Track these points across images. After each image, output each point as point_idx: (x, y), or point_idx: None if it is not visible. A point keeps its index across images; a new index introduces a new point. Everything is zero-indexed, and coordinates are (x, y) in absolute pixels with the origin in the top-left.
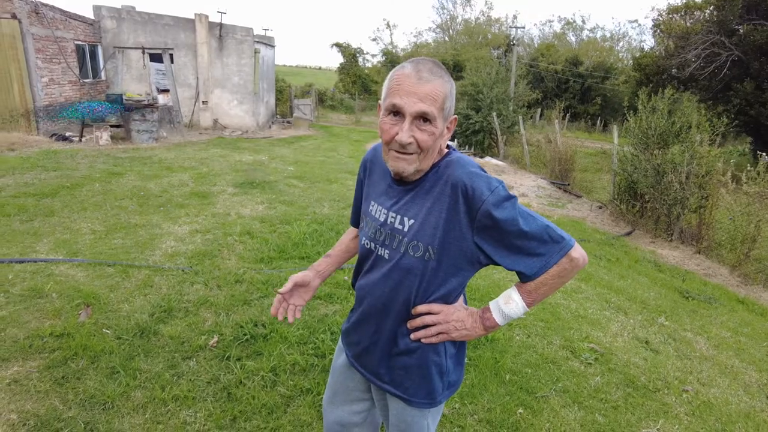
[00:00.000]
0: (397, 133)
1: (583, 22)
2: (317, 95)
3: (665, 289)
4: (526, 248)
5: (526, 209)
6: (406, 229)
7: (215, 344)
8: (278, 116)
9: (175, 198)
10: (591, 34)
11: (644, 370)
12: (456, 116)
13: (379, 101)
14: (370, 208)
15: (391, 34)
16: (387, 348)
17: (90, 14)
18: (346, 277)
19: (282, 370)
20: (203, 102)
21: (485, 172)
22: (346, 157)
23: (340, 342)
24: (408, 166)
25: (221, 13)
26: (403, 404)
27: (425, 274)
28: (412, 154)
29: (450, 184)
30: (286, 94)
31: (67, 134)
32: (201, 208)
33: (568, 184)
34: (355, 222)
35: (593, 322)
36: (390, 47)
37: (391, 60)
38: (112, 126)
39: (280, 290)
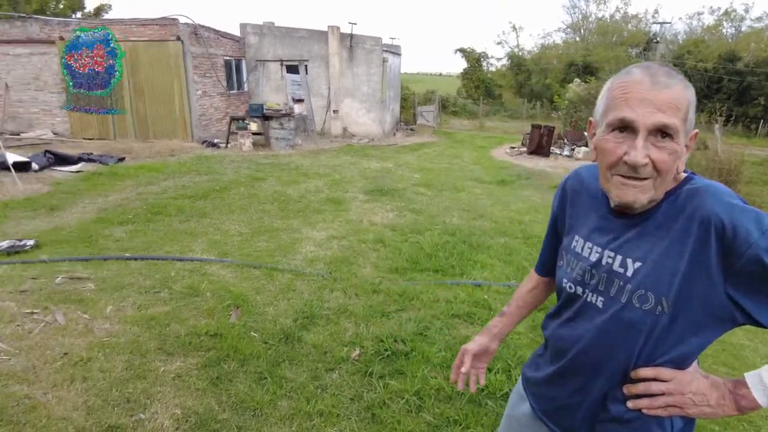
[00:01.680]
0: (625, 153)
1: (746, 11)
2: (440, 101)
3: None
4: None
5: None
6: (629, 273)
7: (357, 357)
8: (402, 123)
9: (312, 204)
10: (756, 24)
11: None
12: (697, 131)
13: (592, 118)
14: (574, 243)
15: (517, 36)
16: (592, 411)
17: (236, 31)
18: (485, 296)
19: (426, 395)
20: (334, 111)
21: (746, 202)
22: (470, 164)
23: (519, 387)
24: (641, 196)
25: (352, 24)
26: None
27: (654, 331)
28: (645, 179)
29: (697, 220)
30: (410, 102)
31: (216, 141)
32: (336, 214)
33: None
34: (544, 270)
35: None
36: (516, 50)
37: (517, 63)
38: (254, 134)
39: (462, 370)
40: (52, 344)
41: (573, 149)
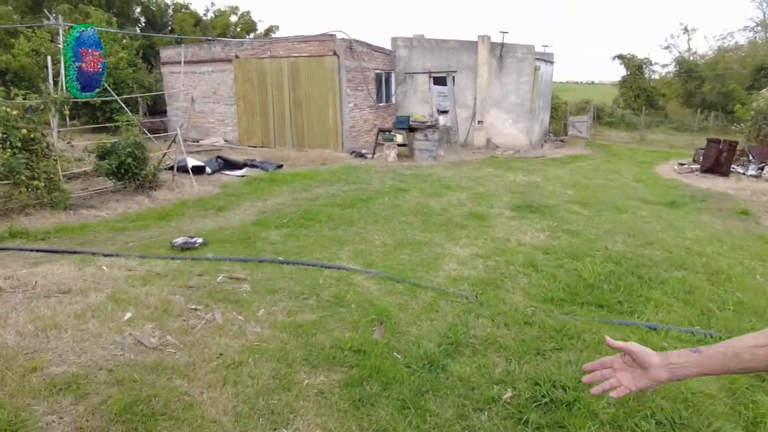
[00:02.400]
0: None
1: None
2: (595, 111)
3: None
4: None
5: None
6: None
7: (509, 400)
8: (551, 134)
9: (454, 218)
10: None
11: None
12: None
13: None
14: None
15: (689, 39)
16: None
17: (387, 45)
18: (663, 343)
19: None
20: (479, 122)
21: None
22: (631, 181)
23: None
24: None
25: (503, 33)
26: None
27: None
28: None
29: None
30: (560, 112)
31: (363, 151)
32: (480, 231)
33: None
34: None
35: None
36: (687, 54)
37: (687, 69)
38: (399, 145)
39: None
40: (209, 343)
41: (762, 168)
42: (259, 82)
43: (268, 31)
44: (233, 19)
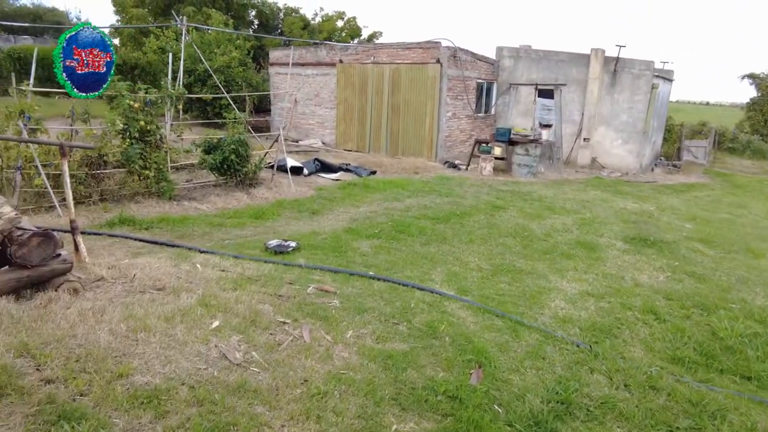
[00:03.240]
0: None
1: None
2: (716, 136)
3: None
4: None
5: None
6: None
7: None
8: (662, 158)
9: (559, 245)
10: None
11: None
12: None
13: None
14: None
15: None
16: None
17: (491, 54)
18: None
19: None
20: (584, 139)
21: None
22: (764, 219)
23: None
24: None
25: (619, 46)
26: None
27: None
28: None
29: None
30: (674, 134)
31: (457, 162)
32: (589, 264)
33: None
34: None
35: None
36: None
37: None
38: (496, 158)
39: None
40: (295, 365)
41: None
42: (360, 87)
43: (372, 36)
44: (339, 24)
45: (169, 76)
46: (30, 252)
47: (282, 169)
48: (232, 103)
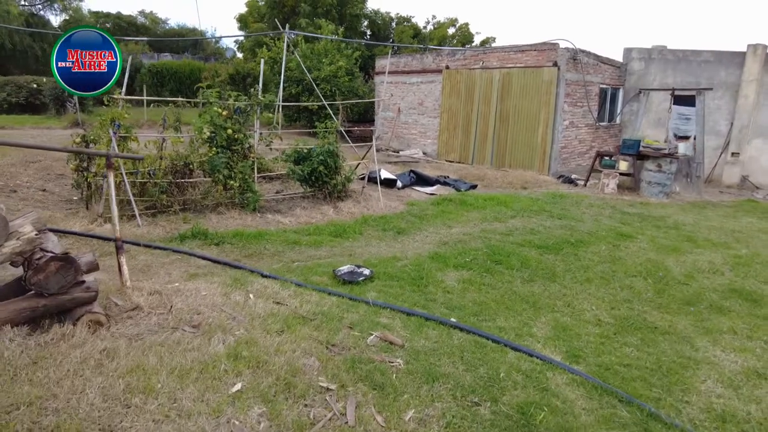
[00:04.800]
0: None
1: None
2: None
3: None
4: None
5: None
6: None
7: None
8: None
9: (707, 293)
10: None
11: None
12: None
13: None
14: None
15: None
16: None
17: (617, 57)
18: None
19: None
20: (732, 154)
21: None
22: None
23: None
24: None
25: None
26: None
27: None
28: None
29: None
30: None
31: (573, 177)
32: (754, 324)
33: None
34: None
35: None
36: None
37: None
38: (621, 174)
39: None
40: None
41: None
42: (467, 94)
43: (484, 42)
44: (451, 31)
45: (260, 84)
46: (47, 278)
47: (375, 180)
48: (331, 112)
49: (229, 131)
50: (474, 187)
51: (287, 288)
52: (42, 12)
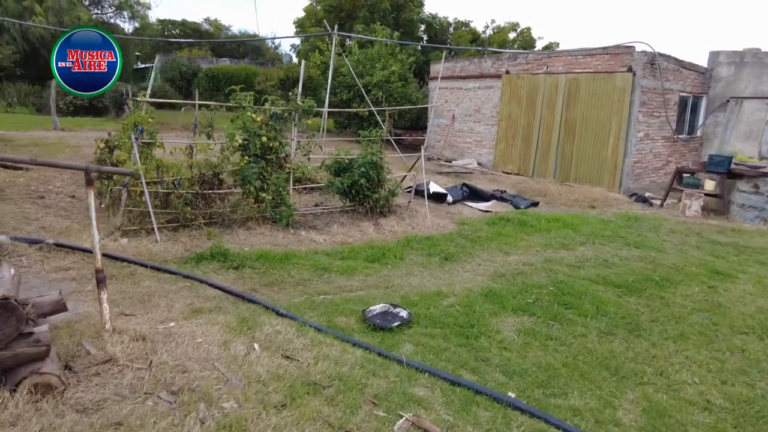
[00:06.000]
0: None
1: None
2: None
3: None
4: None
5: None
6: None
7: None
8: None
9: None
10: None
11: None
12: None
13: None
14: None
15: None
16: None
17: (702, 62)
18: None
19: None
20: None
21: None
22: None
23: None
24: None
25: None
26: None
27: None
28: None
29: None
30: None
31: (647, 195)
32: None
33: None
34: None
35: None
36: None
37: None
38: (706, 195)
39: None
40: None
41: None
42: (528, 101)
43: (547, 48)
44: (511, 35)
45: (300, 88)
46: None
47: (423, 194)
48: (379, 118)
49: (264, 139)
50: (535, 204)
51: (304, 333)
52: (113, 20)
